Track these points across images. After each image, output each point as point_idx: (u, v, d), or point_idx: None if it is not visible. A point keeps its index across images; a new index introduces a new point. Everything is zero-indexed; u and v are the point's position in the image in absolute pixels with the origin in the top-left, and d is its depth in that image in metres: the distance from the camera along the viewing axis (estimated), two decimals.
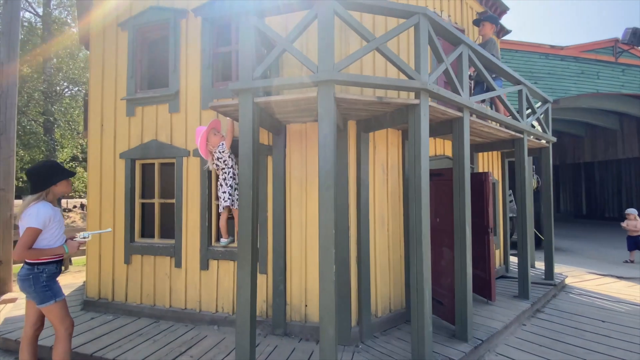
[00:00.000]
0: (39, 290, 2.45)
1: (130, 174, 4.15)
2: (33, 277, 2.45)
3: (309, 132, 3.56)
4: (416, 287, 2.87)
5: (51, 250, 2.48)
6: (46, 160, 3.10)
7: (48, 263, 2.51)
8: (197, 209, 3.87)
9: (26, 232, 2.36)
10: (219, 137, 3.55)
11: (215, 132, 3.57)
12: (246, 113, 2.78)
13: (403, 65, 2.80)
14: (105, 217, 4.24)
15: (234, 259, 3.70)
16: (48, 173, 2.57)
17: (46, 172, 2.57)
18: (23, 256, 2.39)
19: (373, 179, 3.63)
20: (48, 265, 2.52)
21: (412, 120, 2.94)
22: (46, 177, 2.54)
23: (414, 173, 2.91)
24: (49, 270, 2.52)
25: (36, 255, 2.42)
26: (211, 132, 3.53)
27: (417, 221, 2.87)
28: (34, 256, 2.42)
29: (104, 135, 4.31)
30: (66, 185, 2.63)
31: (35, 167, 2.60)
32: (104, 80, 4.32)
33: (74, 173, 2.74)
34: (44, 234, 2.44)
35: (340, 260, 3.34)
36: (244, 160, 2.78)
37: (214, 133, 3.54)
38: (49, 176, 2.55)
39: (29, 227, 2.35)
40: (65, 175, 2.63)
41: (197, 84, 3.90)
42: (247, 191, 2.77)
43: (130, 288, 4.12)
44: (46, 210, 2.43)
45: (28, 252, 2.38)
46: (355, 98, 2.71)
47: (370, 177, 3.60)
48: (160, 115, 4.07)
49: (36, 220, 2.37)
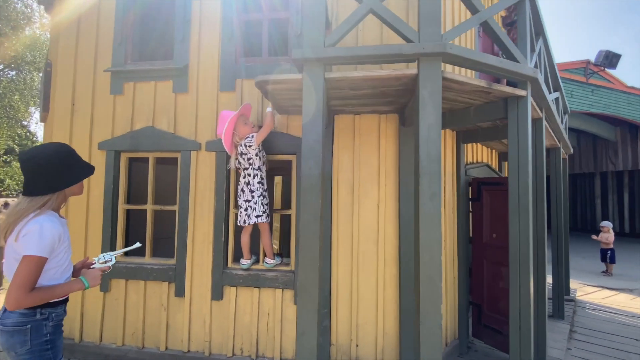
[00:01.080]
0: (37, 349, 1.45)
1: (112, 171, 3.11)
2: (33, 328, 1.44)
3: (363, 126, 2.87)
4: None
5: (64, 288, 1.50)
6: (59, 144, 1.64)
7: (56, 304, 1.53)
8: (209, 220, 2.96)
9: (26, 265, 1.38)
10: (248, 126, 2.71)
11: (245, 120, 2.73)
12: (313, 92, 2.03)
13: (511, 47, 2.24)
14: (72, 228, 3.14)
15: (259, 285, 2.86)
16: (66, 165, 1.54)
17: (63, 163, 1.54)
18: (23, 303, 1.39)
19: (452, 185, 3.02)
20: (56, 308, 1.53)
21: (513, 116, 2.39)
22: (63, 172, 1.53)
23: (518, 183, 2.35)
24: (57, 316, 1.53)
25: (43, 298, 1.44)
26: (240, 119, 2.69)
27: (524, 238, 2.31)
28: (40, 300, 1.44)
29: (75, 118, 3.22)
30: (81, 186, 1.66)
31: (41, 153, 1.51)
32: (78, 45, 3.24)
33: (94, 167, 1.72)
34: (50, 263, 1.46)
35: (409, 284, 2.67)
36: (309, 156, 2.02)
37: (244, 121, 2.70)
38: (67, 170, 1.54)
39: (29, 257, 1.38)
40: (89, 171, 1.65)
41: (215, 58, 3.03)
42: (313, 198, 2.00)
43: (109, 324, 3.06)
44: (53, 227, 1.45)
45: (31, 296, 1.39)
46: (464, 80, 2.09)
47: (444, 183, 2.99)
48: (160, 95, 3.11)
49: (40, 244, 1.40)
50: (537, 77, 2.33)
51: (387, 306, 2.75)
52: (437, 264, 1.89)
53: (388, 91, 2.28)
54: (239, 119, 2.66)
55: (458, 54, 1.96)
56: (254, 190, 2.66)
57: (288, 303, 2.84)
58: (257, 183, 2.67)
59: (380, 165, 2.81)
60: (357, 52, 2.02)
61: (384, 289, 2.75)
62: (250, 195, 2.66)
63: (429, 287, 1.89)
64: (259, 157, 2.70)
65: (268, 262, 2.85)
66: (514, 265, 2.36)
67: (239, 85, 2.98)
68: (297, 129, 2.92)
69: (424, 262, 1.90)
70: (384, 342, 2.73)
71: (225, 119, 2.61)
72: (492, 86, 2.20)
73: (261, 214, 2.66)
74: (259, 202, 2.66)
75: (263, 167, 2.73)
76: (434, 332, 1.87)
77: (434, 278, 1.89)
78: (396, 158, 2.80)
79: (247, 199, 2.67)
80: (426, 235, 1.91)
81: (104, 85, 3.18)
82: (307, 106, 2.03)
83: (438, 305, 1.89)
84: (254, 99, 2.96)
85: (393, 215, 2.77)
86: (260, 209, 2.65)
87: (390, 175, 2.80)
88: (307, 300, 1.97)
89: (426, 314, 1.89)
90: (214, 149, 2.97)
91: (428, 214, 1.91)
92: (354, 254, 2.79)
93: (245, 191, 2.69)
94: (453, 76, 2.03)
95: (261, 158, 2.72)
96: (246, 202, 2.68)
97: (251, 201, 2.66)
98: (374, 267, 2.77)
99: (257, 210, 2.65)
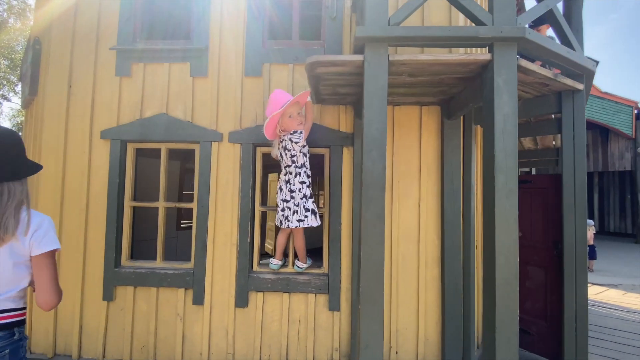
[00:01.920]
0: None
1: (118, 163, 2.74)
2: (11, 352, 1.18)
3: (402, 118, 2.69)
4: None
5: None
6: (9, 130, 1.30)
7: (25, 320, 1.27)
8: (232, 219, 2.67)
9: (52, 258, 1.24)
10: (299, 119, 2.39)
11: (299, 109, 2.42)
12: (377, 75, 1.82)
13: (572, 39, 2.14)
14: (68, 229, 2.74)
15: (289, 290, 2.61)
16: (19, 153, 1.26)
17: (18, 151, 1.25)
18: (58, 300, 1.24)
19: (479, 182, 2.90)
20: (25, 325, 1.27)
21: (568, 110, 2.29)
22: (20, 160, 1.25)
23: (574, 180, 2.26)
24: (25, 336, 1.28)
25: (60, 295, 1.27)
26: (294, 107, 2.38)
27: (580, 236, 2.22)
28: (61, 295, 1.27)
29: (72, 103, 2.81)
30: None
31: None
32: (77, 19, 2.83)
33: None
34: None
35: (453, 286, 2.52)
36: (372, 147, 1.81)
37: (297, 110, 2.40)
38: (21, 158, 1.26)
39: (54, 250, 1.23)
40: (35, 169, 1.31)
41: (240, 40, 2.73)
42: (377, 194, 1.80)
43: (113, 337, 2.69)
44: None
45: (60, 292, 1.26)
46: (535, 70, 1.95)
47: (477, 180, 2.86)
48: (175, 78, 2.77)
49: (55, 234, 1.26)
50: (594, 70, 2.25)
51: (428, 310, 2.59)
52: (513, 267, 1.75)
53: (447, 79, 2.11)
54: (294, 106, 2.34)
55: (535, 40, 1.81)
56: (294, 190, 2.38)
57: (322, 309, 2.61)
58: (299, 182, 2.39)
59: (421, 161, 2.64)
60: (427, 33, 1.83)
61: (425, 292, 2.58)
62: (290, 195, 2.39)
63: (506, 292, 1.74)
64: (303, 153, 2.42)
65: (300, 265, 2.60)
66: (570, 265, 2.27)
67: (266, 70, 2.71)
68: (331, 121, 2.69)
69: (499, 265, 1.75)
70: (425, 349, 2.57)
71: (280, 101, 2.30)
72: (558, 78, 2.08)
73: (303, 219, 2.37)
74: (301, 205, 2.38)
75: (307, 165, 2.45)
76: (512, 342, 1.72)
77: (511, 282, 1.74)
78: (438, 153, 2.64)
79: (285, 198, 2.40)
80: (502, 237, 1.75)
81: (108, 65, 2.79)
82: (370, 91, 1.82)
83: (515, 312, 1.74)
84: (283, 86, 2.69)
85: (435, 214, 2.61)
86: (302, 212, 2.37)
87: (431, 172, 2.64)
88: (371, 309, 1.77)
89: (502, 322, 1.73)
90: (238, 140, 2.68)
91: (504, 214, 1.75)
92: (393, 255, 2.61)
93: (284, 190, 2.41)
94: (527, 64, 1.88)
95: (305, 154, 2.44)
96: (284, 202, 2.40)
97: (290, 202, 2.38)
98: (414, 269, 2.60)
99: (299, 213, 2.37)
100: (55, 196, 2.75)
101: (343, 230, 2.63)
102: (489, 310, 1.79)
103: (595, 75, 2.36)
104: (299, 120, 2.39)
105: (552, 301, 3.22)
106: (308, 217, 2.38)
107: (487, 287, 1.80)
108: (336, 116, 2.70)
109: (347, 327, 2.58)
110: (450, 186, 2.56)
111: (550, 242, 3.26)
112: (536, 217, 3.21)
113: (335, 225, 2.63)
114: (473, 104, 2.14)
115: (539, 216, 3.19)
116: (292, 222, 2.37)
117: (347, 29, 2.69)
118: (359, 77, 2.04)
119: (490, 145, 1.80)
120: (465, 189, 2.64)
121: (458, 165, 2.55)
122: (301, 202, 2.37)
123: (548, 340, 3.15)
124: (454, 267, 2.53)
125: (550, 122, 3.05)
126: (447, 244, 2.55)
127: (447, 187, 2.57)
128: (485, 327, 1.82)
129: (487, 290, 1.81)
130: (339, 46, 2.67)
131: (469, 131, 2.73)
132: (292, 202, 2.37)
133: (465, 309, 2.58)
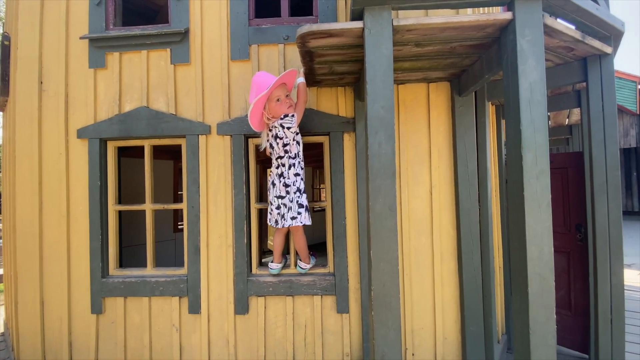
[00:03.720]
0: None
1: (98, 164, 2.50)
2: None
3: (408, 97, 2.43)
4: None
5: None
6: None
7: None
8: (226, 219, 2.43)
9: None
10: (288, 101, 2.14)
11: (287, 92, 2.16)
12: (379, 43, 1.56)
13: None
14: (49, 238, 2.52)
15: (293, 292, 2.39)
16: None
17: None
18: None
19: (494, 165, 2.65)
20: None
21: (595, 77, 2.03)
22: None
23: (605, 156, 2.00)
24: None
25: None
26: (280, 89, 2.12)
27: (614, 218, 1.98)
28: None
29: (44, 101, 2.56)
30: None
31: None
32: (44, 5, 2.56)
33: None
34: None
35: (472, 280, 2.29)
36: (379, 128, 1.56)
37: (285, 93, 2.14)
38: None
39: None
40: None
41: (224, 19, 2.46)
42: (386, 183, 1.55)
43: (105, 352, 2.48)
44: None
45: None
46: (563, 30, 1.68)
47: (491, 163, 2.61)
48: (154, 67, 2.51)
49: None
50: (623, 30, 1.98)
51: (445, 307, 2.36)
52: (548, 260, 1.51)
53: (459, 48, 1.84)
54: (280, 88, 2.09)
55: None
56: (289, 185, 2.13)
57: (329, 312, 2.39)
58: (294, 175, 2.14)
59: (431, 143, 2.38)
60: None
61: (441, 287, 2.36)
62: (285, 190, 2.14)
63: (540, 288, 1.50)
64: (297, 141, 2.16)
65: (303, 266, 2.37)
66: (603, 251, 2.03)
67: (254, 52, 2.44)
68: (329, 105, 2.44)
69: (531, 258, 1.51)
70: (444, 348, 2.36)
71: (264, 84, 2.03)
72: (586, 39, 1.81)
73: (296, 216, 2.13)
74: (295, 200, 2.13)
75: (300, 155, 2.20)
76: (549, 344, 1.50)
77: (546, 276, 1.50)
78: (450, 134, 2.38)
79: (279, 194, 2.16)
80: (534, 224, 1.51)
81: (81, 57, 2.53)
82: (372, 63, 1.56)
83: (552, 310, 1.50)
84: (273, 69, 2.43)
85: (449, 202, 2.37)
86: (295, 208, 2.12)
87: (443, 155, 2.38)
88: (386, 315, 1.54)
89: (537, 323, 1.50)
90: (227, 131, 2.43)
91: (535, 198, 1.51)
92: (405, 250, 2.37)
93: (277, 185, 2.17)
94: (553, 23, 1.62)
95: (299, 143, 2.18)
96: (278, 199, 2.16)
97: (285, 198, 2.14)
98: (428, 263, 2.37)
99: (292, 210, 2.13)
100: (33, 203, 2.52)
101: (348, 225, 2.39)
102: (520, 309, 1.55)
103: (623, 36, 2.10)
104: (289, 103, 2.12)
105: (576, 289, 3.00)
106: (302, 213, 2.13)
107: (518, 282, 1.56)
108: (334, 100, 2.44)
109: (358, 329, 2.37)
110: (465, 170, 2.31)
111: (572, 225, 3.03)
112: (555, 199, 2.95)
113: (339, 220, 2.39)
114: (489, 75, 1.88)
115: (558, 198, 2.95)
116: (287, 221, 2.13)
117: (342, 1, 2.42)
118: (358, 49, 1.78)
119: (516, 120, 1.54)
120: (481, 172, 2.39)
121: (473, 146, 2.30)
122: (294, 197, 2.13)
123: (573, 331, 2.95)
124: (473, 260, 2.29)
125: (569, 96, 2.79)
126: (464, 235, 2.31)
127: (461, 172, 2.31)
128: (518, 327, 1.59)
129: (517, 286, 1.58)
130: (333, 21, 2.40)
131: (482, 109, 2.47)
132: (287, 198, 2.13)
133: (485, 304, 2.36)
